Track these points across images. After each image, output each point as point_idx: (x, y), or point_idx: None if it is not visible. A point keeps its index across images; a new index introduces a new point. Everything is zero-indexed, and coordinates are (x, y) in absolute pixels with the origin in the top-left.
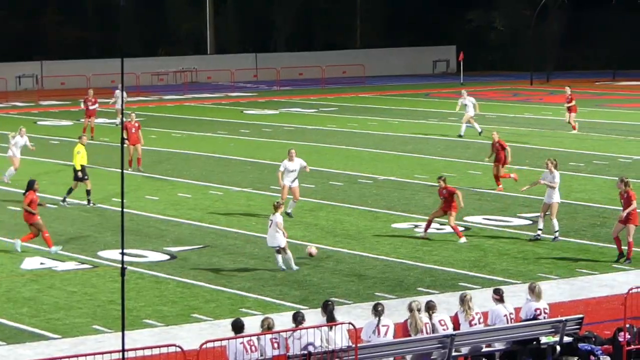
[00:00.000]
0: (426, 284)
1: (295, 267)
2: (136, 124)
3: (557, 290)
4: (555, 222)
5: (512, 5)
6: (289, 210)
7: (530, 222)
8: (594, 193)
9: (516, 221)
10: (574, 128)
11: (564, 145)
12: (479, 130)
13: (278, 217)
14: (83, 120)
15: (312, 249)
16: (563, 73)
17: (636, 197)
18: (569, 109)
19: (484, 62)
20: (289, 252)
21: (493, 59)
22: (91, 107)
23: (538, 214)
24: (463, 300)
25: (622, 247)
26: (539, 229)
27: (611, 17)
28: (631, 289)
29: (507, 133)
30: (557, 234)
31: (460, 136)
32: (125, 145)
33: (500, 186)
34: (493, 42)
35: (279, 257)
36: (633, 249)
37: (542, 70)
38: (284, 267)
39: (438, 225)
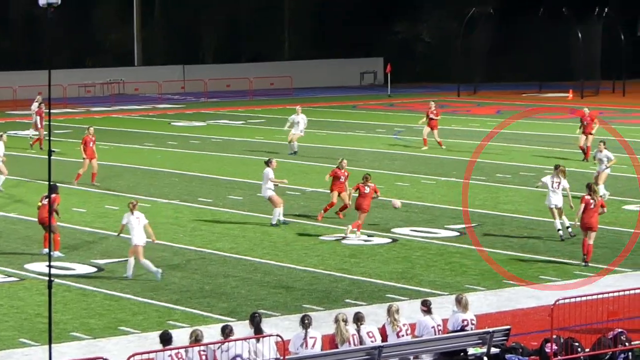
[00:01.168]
0: (354, 296)
1: (158, 273)
2: (93, 138)
3: (484, 301)
4: (564, 219)
5: (438, 16)
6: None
7: (458, 233)
8: (521, 204)
9: (444, 233)
10: (440, 144)
11: (491, 157)
12: (294, 150)
13: (142, 215)
14: (32, 131)
15: (397, 202)
16: (490, 85)
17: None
18: (431, 124)
19: (411, 74)
20: (144, 259)
21: (420, 71)
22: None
23: (465, 225)
24: (389, 312)
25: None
26: (559, 229)
27: (538, 29)
28: (558, 300)
29: (434, 145)
30: (569, 229)
31: (295, 153)
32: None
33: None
34: (420, 54)
35: (132, 261)
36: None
37: (469, 82)
38: (130, 274)
39: (365, 237)
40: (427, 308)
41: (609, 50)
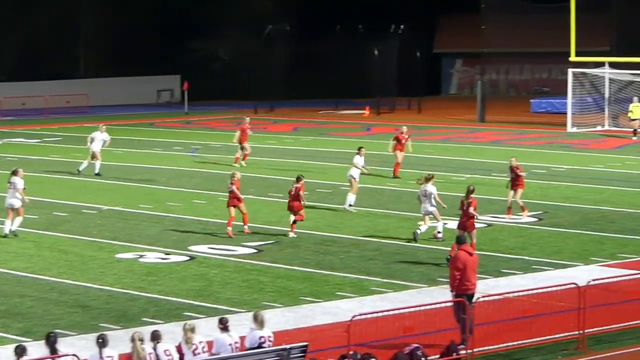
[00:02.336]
0: (151, 314)
1: None
2: None
3: (281, 318)
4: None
5: (236, 34)
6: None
7: (255, 250)
8: (318, 221)
9: (241, 250)
10: (243, 158)
11: (288, 174)
12: (81, 169)
13: None
14: None
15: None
16: (287, 102)
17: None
18: (243, 138)
19: (208, 92)
20: None
21: (218, 88)
22: None
23: (263, 243)
24: (184, 330)
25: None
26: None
27: (334, 46)
28: (354, 316)
29: (232, 162)
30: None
31: (79, 172)
32: None
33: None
34: (218, 71)
35: None
36: None
37: (266, 99)
38: None
39: (163, 255)
40: (224, 326)
41: (404, 67)
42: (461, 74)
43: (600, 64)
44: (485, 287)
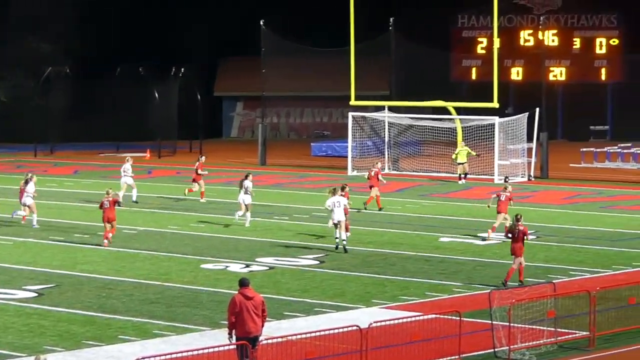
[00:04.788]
0: None
1: None
2: None
3: None
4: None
5: (15, 76)
6: None
7: (36, 294)
8: (100, 264)
9: (21, 294)
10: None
11: (69, 216)
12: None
13: None
14: None
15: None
16: (67, 145)
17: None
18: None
19: None
20: None
21: None
22: None
23: (44, 286)
24: None
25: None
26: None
27: (115, 88)
28: (137, 359)
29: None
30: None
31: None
32: None
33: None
34: None
35: None
36: None
37: (46, 142)
38: None
39: None
40: None
41: (185, 109)
42: (242, 117)
43: (380, 108)
44: (268, 330)
